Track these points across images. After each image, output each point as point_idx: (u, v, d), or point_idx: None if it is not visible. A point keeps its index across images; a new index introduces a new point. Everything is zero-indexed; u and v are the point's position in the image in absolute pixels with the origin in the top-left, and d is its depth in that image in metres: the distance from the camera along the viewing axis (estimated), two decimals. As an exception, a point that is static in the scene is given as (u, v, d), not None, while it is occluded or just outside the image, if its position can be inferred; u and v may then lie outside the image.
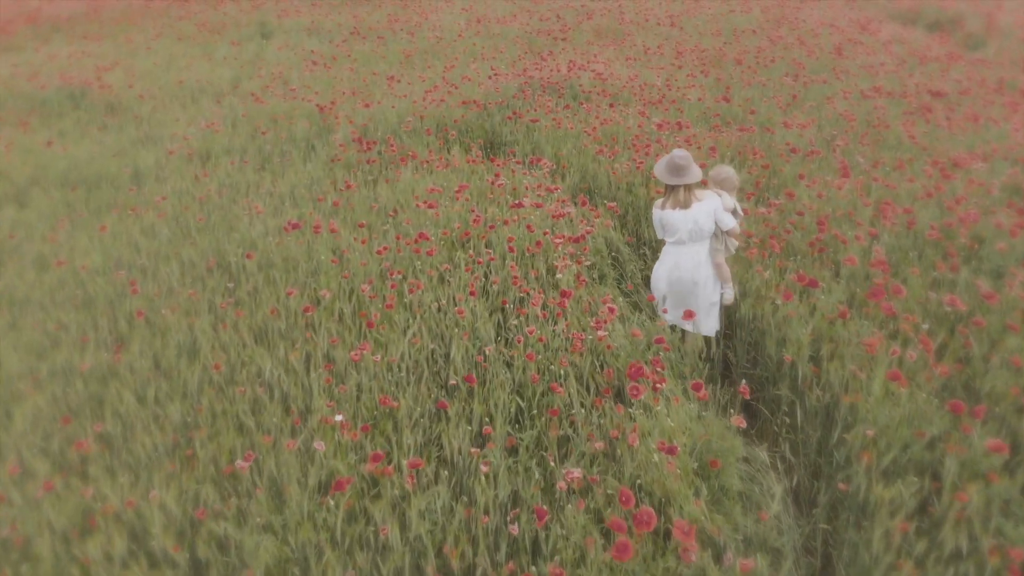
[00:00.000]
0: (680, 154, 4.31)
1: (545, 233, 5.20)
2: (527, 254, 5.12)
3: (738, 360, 4.79)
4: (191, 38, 14.20)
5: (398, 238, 5.38)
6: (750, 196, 6.18)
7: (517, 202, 5.61)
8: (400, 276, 4.92)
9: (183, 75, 11.33)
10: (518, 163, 6.84)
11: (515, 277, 4.67)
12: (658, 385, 3.42)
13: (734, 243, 4.67)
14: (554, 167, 6.87)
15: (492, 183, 6.37)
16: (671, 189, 4.36)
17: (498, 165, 6.93)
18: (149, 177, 7.48)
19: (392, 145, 7.63)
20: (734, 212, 4.68)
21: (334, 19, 15.50)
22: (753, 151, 7.10)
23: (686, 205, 4.35)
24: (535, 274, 4.85)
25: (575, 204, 6.31)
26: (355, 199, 6.48)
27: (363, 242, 5.42)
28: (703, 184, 4.63)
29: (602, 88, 9.18)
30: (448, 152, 7.73)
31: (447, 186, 6.60)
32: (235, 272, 5.35)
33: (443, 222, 5.72)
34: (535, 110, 8.38)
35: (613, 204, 5.78)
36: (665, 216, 4.41)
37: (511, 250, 4.98)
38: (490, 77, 9.52)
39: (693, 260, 4.46)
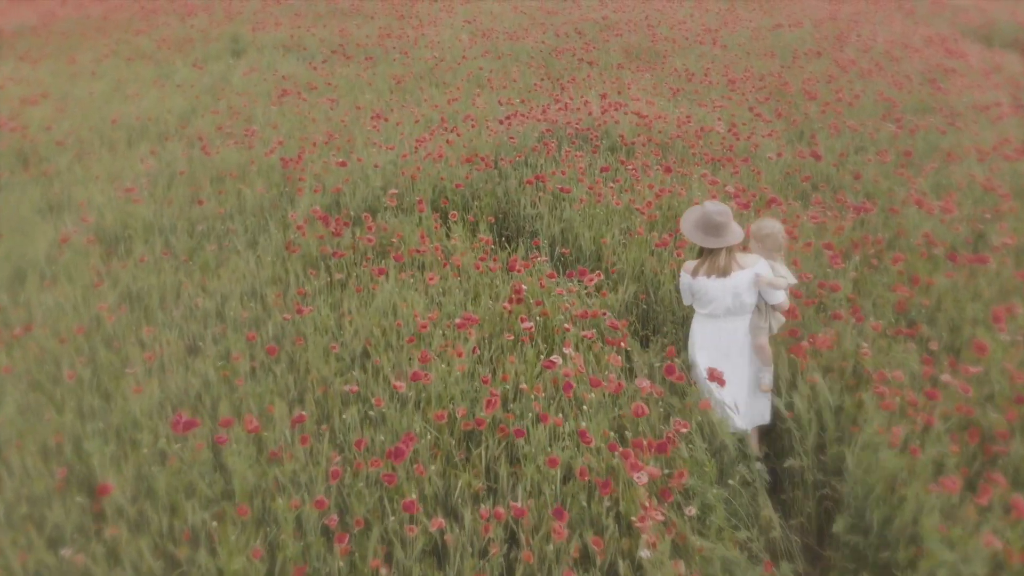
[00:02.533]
0: (716, 208, 3.54)
1: (612, 447, 3.07)
2: (579, 479, 3.01)
3: None
4: (147, 57, 12.10)
5: (360, 445, 3.26)
6: (900, 334, 4.09)
7: (562, 369, 3.49)
8: (359, 530, 2.83)
9: (124, 108, 9.22)
10: (551, 276, 4.68)
11: (568, 566, 2.56)
12: None
13: (779, 319, 3.83)
14: (601, 277, 4.73)
15: (511, 305, 4.27)
16: (707, 252, 3.60)
17: (518, 268, 4.81)
18: (33, 276, 5.38)
19: (370, 227, 5.52)
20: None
21: (317, 33, 13.39)
22: (879, 246, 5.00)
23: (725, 272, 3.58)
24: (599, 545, 2.73)
25: (641, 343, 4.20)
26: (308, 327, 4.39)
27: (304, 441, 3.32)
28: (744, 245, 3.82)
29: (648, 135, 7.07)
30: (447, 236, 5.63)
31: (445, 302, 4.52)
32: (94, 496, 3.25)
33: (436, 390, 3.62)
34: (563, 172, 6.26)
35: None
36: (697, 285, 3.64)
37: (557, 510, 2.84)
38: (502, 121, 7.41)
39: (729, 338, 3.70)
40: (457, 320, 4.07)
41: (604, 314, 4.31)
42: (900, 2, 16.25)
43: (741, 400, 3.70)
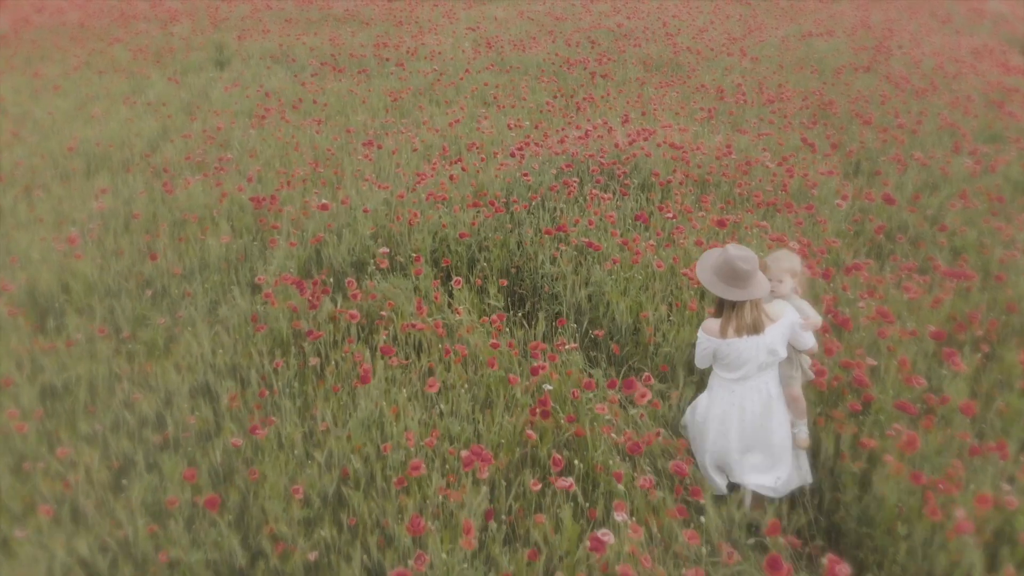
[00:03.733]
0: (740, 254, 2.93)
1: None
2: None
3: None
4: (121, 69, 11.06)
5: None
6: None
7: (618, 565, 2.45)
8: None
9: (87, 131, 8.19)
10: (588, 386, 3.59)
11: None
12: None
13: (807, 360, 3.35)
14: (652, 384, 3.67)
15: (535, 419, 3.24)
16: (731, 307, 2.98)
17: (542, 363, 3.77)
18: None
19: (355, 295, 4.49)
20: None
21: (308, 41, 12.36)
22: (991, 330, 3.97)
23: (757, 329, 2.98)
24: None
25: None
26: (267, 450, 3.37)
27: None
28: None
29: (685, 170, 6.03)
30: (449, 305, 4.59)
31: (447, 410, 3.50)
32: None
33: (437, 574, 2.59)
34: (589, 221, 5.22)
35: (841, 566, 2.54)
36: (727, 348, 3.01)
37: None
38: (513, 153, 6.38)
39: (763, 398, 3.11)
40: (464, 452, 3.04)
41: (658, 435, 3.28)
42: (933, 8, 15.22)
43: (786, 464, 3.20)
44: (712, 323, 3.06)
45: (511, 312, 4.84)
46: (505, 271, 5.22)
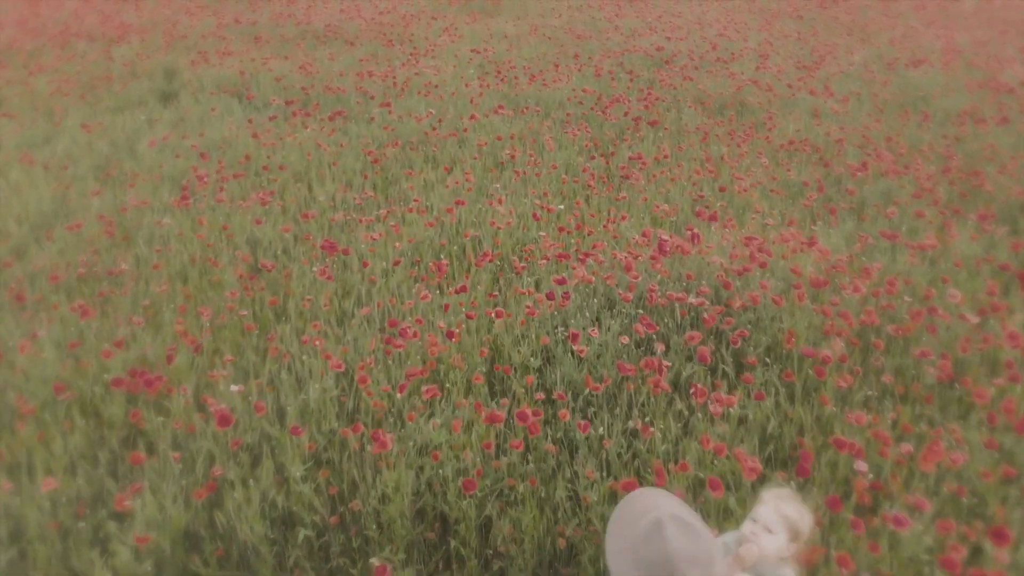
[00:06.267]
0: (686, 550, 1.42)
1: None
2: None
3: None
4: (37, 108, 8.75)
5: None
6: None
7: None
8: None
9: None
10: None
11: None
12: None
13: None
14: None
15: None
16: None
17: None
18: None
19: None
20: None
21: (275, 68, 10.02)
22: None
23: None
24: None
25: None
26: None
27: None
28: None
29: (836, 325, 3.69)
30: None
31: None
32: None
33: None
34: (713, 471, 2.87)
35: None
36: None
37: None
38: (550, 294, 4.00)
39: None
40: None
41: None
42: (1020, 27, 12.90)
43: None
44: None
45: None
46: (546, 546, 2.92)
